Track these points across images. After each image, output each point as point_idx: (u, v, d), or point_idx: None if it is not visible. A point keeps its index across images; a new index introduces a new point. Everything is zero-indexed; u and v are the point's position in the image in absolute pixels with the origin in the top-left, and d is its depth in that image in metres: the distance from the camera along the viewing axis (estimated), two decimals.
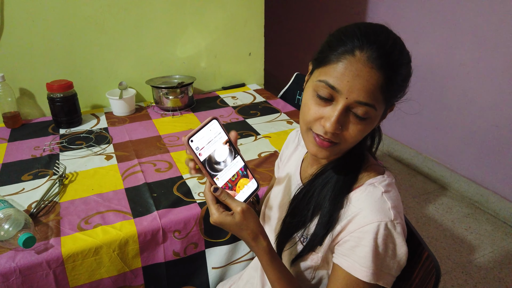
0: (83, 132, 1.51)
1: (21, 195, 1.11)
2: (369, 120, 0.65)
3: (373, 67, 0.61)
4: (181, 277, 1.06)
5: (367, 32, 0.63)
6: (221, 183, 0.70)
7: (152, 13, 1.74)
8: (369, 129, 0.68)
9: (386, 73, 0.62)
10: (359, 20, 0.68)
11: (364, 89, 0.62)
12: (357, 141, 0.68)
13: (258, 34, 2.04)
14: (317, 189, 0.75)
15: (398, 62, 0.63)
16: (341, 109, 0.64)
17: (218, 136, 0.69)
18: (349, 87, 0.62)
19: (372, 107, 0.64)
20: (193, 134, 0.65)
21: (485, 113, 2.12)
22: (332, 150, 0.69)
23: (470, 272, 1.80)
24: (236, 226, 0.69)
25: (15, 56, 1.57)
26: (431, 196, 2.36)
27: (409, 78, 0.68)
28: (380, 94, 0.63)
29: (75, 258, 0.91)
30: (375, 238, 0.65)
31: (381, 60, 0.61)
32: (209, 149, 0.67)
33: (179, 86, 1.69)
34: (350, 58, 0.62)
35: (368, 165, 0.74)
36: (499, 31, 1.96)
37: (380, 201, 0.68)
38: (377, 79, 0.62)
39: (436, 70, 2.34)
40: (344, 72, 0.62)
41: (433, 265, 0.68)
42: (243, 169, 0.72)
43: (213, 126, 0.68)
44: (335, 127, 0.64)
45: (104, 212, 1.03)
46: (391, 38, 0.64)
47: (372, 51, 0.61)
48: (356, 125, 0.66)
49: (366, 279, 0.65)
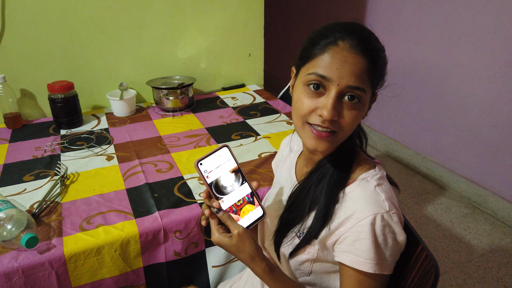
0: (84, 133, 1.52)
1: (23, 196, 1.11)
2: (360, 105, 0.69)
3: (357, 53, 0.66)
4: (182, 276, 1.07)
5: (344, 26, 0.69)
6: (226, 206, 0.73)
7: (152, 14, 1.75)
8: (361, 114, 0.71)
9: (369, 57, 0.67)
10: (359, 21, 0.72)
11: (352, 74, 0.66)
12: (352, 128, 0.71)
13: (258, 35, 2.05)
14: (313, 185, 0.77)
15: (377, 47, 0.69)
16: (335, 95, 0.67)
17: (227, 163, 0.73)
18: (338, 74, 0.66)
19: (363, 91, 0.67)
20: (202, 158, 0.70)
21: (484, 113, 2.13)
22: (331, 140, 0.71)
23: (469, 271, 1.81)
24: (233, 247, 0.73)
25: (16, 57, 1.58)
26: (430, 196, 2.38)
27: (386, 65, 0.73)
28: (367, 77, 0.67)
29: (77, 258, 0.92)
30: (373, 230, 0.67)
31: (363, 46, 0.67)
32: (217, 173, 0.72)
33: (179, 87, 1.70)
34: (335, 47, 0.67)
35: (359, 160, 0.77)
36: (498, 32, 1.97)
37: (374, 194, 0.70)
38: (362, 63, 0.66)
39: (435, 70, 2.35)
40: (332, 61, 0.66)
41: (432, 265, 0.69)
42: (249, 195, 0.75)
43: (223, 152, 0.73)
44: (332, 113, 0.67)
45: (106, 213, 1.04)
46: (366, 29, 0.70)
47: (353, 40, 0.67)
48: (351, 110, 0.69)
49: (371, 270, 0.67)
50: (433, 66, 2.35)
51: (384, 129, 2.85)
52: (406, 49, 2.49)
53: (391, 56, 2.84)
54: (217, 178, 0.72)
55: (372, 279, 0.69)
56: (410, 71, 2.51)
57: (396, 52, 2.55)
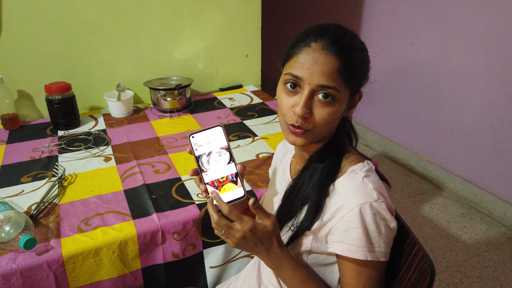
0: (81, 134, 1.52)
1: (20, 197, 1.11)
2: (334, 102, 0.72)
3: (328, 53, 0.69)
4: (180, 278, 1.07)
5: (319, 28, 0.72)
6: (208, 179, 0.74)
7: (149, 15, 1.75)
8: (337, 111, 0.73)
9: (340, 57, 0.69)
10: (356, 22, 0.74)
11: (323, 73, 0.69)
12: (327, 124, 0.74)
13: (255, 36, 2.05)
14: (305, 181, 0.80)
15: (350, 47, 0.71)
16: (307, 94, 0.71)
17: (218, 141, 0.74)
18: (309, 74, 0.70)
19: (334, 89, 0.70)
20: (196, 132, 0.72)
21: (480, 113, 2.15)
22: (307, 136, 0.75)
23: (465, 271, 1.82)
24: (268, 234, 0.71)
25: (13, 58, 1.58)
26: (426, 196, 2.39)
27: (367, 63, 0.75)
28: (339, 76, 0.70)
29: (75, 260, 0.92)
30: (362, 219, 0.69)
31: (334, 46, 0.69)
32: (206, 148, 0.74)
33: (177, 88, 1.70)
34: (307, 49, 0.71)
35: (349, 155, 0.80)
36: (494, 32, 1.98)
37: (362, 185, 0.73)
38: (333, 63, 0.69)
39: (431, 71, 2.36)
40: (304, 61, 0.71)
41: (428, 265, 0.70)
42: (233, 175, 0.75)
43: (217, 131, 0.74)
44: (303, 110, 0.71)
45: (104, 214, 1.04)
46: (341, 29, 0.73)
47: (325, 40, 0.70)
48: (323, 108, 0.72)
49: (364, 257, 0.70)
50: (430, 67, 2.36)
51: (380, 129, 2.87)
52: (402, 50, 2.50)
53: (387, 57, 2.85)
54: (205, 152, 0.74)
55: (369, 266, 0.71)
56: (407, 71, 2.52)
57: (393, 53, 2.56)
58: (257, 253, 0.74)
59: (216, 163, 0.74)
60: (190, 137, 0.72)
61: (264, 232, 0.71)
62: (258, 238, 0.71)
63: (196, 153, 0.73)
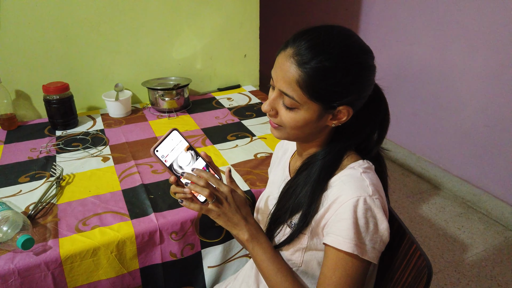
0: (79, 134, 1.52)
1: (18, 197, 1.11)
2: (296, 110, 0.73)
3: (292, 62, 0.69)
4: (178, 277, 1.07)
5: (300, 32, 0.72)
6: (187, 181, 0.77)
7: (147, 15, 1.75)
8: (302, 119, 0.73)
9: (300, 70, 0.68)
10: (354, 23, 0.74)
11: (283, 80, 0.71)
12: (294, 127, 0.75)
13: (253, 36, 2.06)
14: (303, 178, 0.80)
15: (315, 61, 0.67)
16: (274, 94, 0.74)
17: (179, 144, 0.78)
18: (276, 77, 0.73)
19: (292, 99, 0.71)
20: (157, 145, 0.75)
21: (478, 113, 2.15)
22: (280, 130, 0.78)
23: (463, 270, 1.83)
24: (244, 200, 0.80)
25: (11, 58, 1.58)
26: (424, 196, 2.39)
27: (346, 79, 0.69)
28: (298, 88, 0.69)
29: (73, 260, 0.92)
30: (355, 211, 0.69)
31: (297, 57, 0.69)
32: (173, 155, 0.77)
33: (175, 88, 1.70)
34: (282, 52, 0.72)
35: (349, 154, 0.80)
36: (491, 33, 1.99)
37: (359, 179, 0.73)
38: (293, 73, 0.69)
39: (429, 71, 2.36)
40: (276, 63, 0.73)
41: (425, 265, 0.70)
42: (205, 168, 0.81)
43: (174, 136, 0.78)
44: (267, 107, 0.75)
45: (102, 214, 1.04)
46: (320, 38, 0.68)
47: (294, 48, 0.69)
48: (286, 112, 0.74)
49: (350, 250, 0.68)
50: (428, 67, 2.37)
51: None
52: (400, 50, 2.51)
53: (386, 57, 2.86)
54: (174, 160, 0.77)
55: (350, 261, 0.70)
56: (405, 72, 2.52)
57: (391, 53, 2.57)
58: (236, 224, 0.78)
59: (187, 163, 0.78)
60: (154, 151, 0.74)
61: (240, 198, 0.80)
62: (236, 202, 0.78)
63: (166, 164, 0.76)
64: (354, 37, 0.72)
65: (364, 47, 0.72)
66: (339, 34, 0.70)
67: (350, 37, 0.71)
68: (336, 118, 0.75)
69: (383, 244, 0.73)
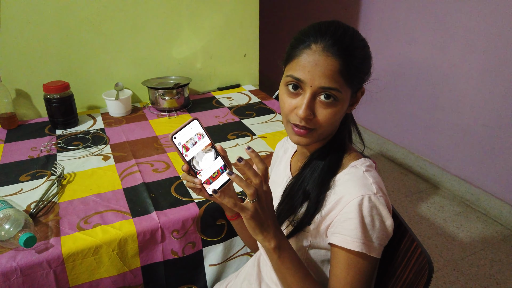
0: (80, 133, 1.52)
1: (19, 196, 1.11)
2: (336, 102, 0.73)
3: (329, 55, 0.70)
4: (179, 276, 1.08)
5: (319, 28, 0.72)
6: (204, 178, 0.76)
7: (148, 14, 1.76)
8: (339, 111, 0.74)
9: (341, 58, 0.70)
10: (353, 22, 0.75)
11: (324, 76, 0.70)
12: (331, 123, 0.75)
13: (253, 36, 2.06)
14: (306, 177, 0.81)
15: (351, 47, 0.71)
16: (309, 96, 0.72)
17: (202, 140, 0.77)
18: (311, 76, 0.71)
19: (336, 90, 0.71)
20: (176, 132, 0.73)
21: (476, 113, 2.16)
22: (311, 136, 0.76)
23: (462, 269, 1.84)
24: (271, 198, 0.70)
25: (11, 57, 1.58)
26: (423, 195, 2.40)
27: (369, 60, 0.75)
28: (340, 77, 0.70)
29: (75, 258, 0.92)
30: (360, 210, 0.70)
31: (335, 47, 0.70)
32: (194, 150, 0.76)
33: (175, 87, 1.71)
34: (308, 51, 0.71)
35: (350, 152, 0.81)
36: (490, 33, 2.00)
37: (363, 178, 0.74)
38: (334, 64, 0.70)
39: (428, 70, 2.37)
40: (305, 64, 0.71)
41: (426, 261, 0.70)
42: (222, 167, 0.79)
43: (194, 125, 0.76)
44: (306, 113, 0.72)
45: (103, 212, 1.04)
46: (341, 28, 0.72)
47: (325, 42, 0.70)
48: (326, 109, 0.73)
49: (358, 249, 0.69)
50: (426, 66, 2.38)
51: (378, 128, 2.88)
52: (399, 50, 2.52)
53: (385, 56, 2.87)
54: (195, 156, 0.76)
55: (361, 259, 0.71)
56: (404, 71, 2.53)
57: (390, 53, 2.58)
58: (266, 230, 0.68)
59: (206, 162, 0.77)
60: (172, 137, 0.73)
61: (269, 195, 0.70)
62: (269, 205, 0.69)
63: (186, 158, 0.75)
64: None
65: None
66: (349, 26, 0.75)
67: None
68: (355, 102, 0.79)
69: (388, 239, 0.74)
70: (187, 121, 0.75)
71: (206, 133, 0.77)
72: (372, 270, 0.73)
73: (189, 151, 0.75)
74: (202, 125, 0.77)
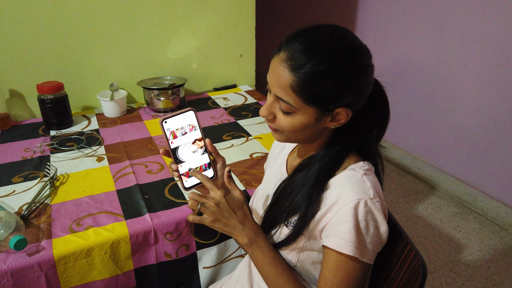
0: (74, 134, 1.51)
1: (11, 197, 1.10)
2: (293, 114, 0.72)
3: (285, 67, 0.68)
4: (173, 278, 1.07)
5: (293, 34, 0.70)
6: (184, 169, 0.77)
7: (143, 14, 1.75)
8: (300, 122, 0.72)
9: (293, 74, 0.67)
10: (350, 22, 0.73)
11: (278, 85, 0.70)
12: (293, 130, 0.74)
13: (249, 36, 2.05)
14: (300, 179, 0.79)
15: (306, 64, 0.66)
16: (271, 99, 0.74)
17: (193, 132, 0.77)
18: (270, 82, 0.72)
19: (288, 103, 0.70)
20: (168, 117, 0.73)
21: (473, 113, 2.16)
22: (280, 135, 0.78)
23: (458, 270, 1.83)
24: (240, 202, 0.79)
25: (4, 57, 1.56)
26: (420, 196, 2.40)
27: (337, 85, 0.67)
28: (292, 92, 0.68)
29: (66, 260, 0.91)
30: (356, 214, 0.69)
31: (289, 62, 0.67)
32: (182, 140, 0.76)
33: (170, 88, 1.70)
34: (276, 57, 0.71)
35: (350, 156, 0.79)
36: (487, 33, 1.99)
37: (360, 182, 0.72)
38: (287, 78, 0.68)
39: (425, 71, 2.37)
40: (271, 68, 0.72)
41: (420, 264, 0.70)
42: (207, 165, 0.80)
43: (189, 116, 0.76)
44: (264, 113, 0.75)
45: (96, 214, 1.03)
46: (312, 40, 0.67)
47: (287, 52, 0.68)
48: (284, 116, 0.73)
49: (351, 253, 0.68)
50: (423, 67, 2.37)
51: None
52: (396, 50, 2.51)
53: (382, 57, 2.86)
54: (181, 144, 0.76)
55: (351, 263, 0.70)
56: (400, 71, 2.53)
57: (387, 53, 2.57)
58: (233, 228, 0.77)
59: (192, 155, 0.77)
60: (162, 122, 0.72)
61: (235, 201, 0.78)
62: (231, 206, 0.76)
63: (172, 145, 0.74)
64: (349, 36, 0.70)
65: (359, 47, 0.70)
66: (333, 34, 0.68)
67: (345, 36, 0.69)
68: (335, 120, 0.73)
69: (381, 245, 0.73)
70: (182, 110, 0.75)
71: (199, 126, 0.77)
72: (363, 276, 0.71)
73: (176, 139, 0.75)
74: (197, 117, 0.77)
